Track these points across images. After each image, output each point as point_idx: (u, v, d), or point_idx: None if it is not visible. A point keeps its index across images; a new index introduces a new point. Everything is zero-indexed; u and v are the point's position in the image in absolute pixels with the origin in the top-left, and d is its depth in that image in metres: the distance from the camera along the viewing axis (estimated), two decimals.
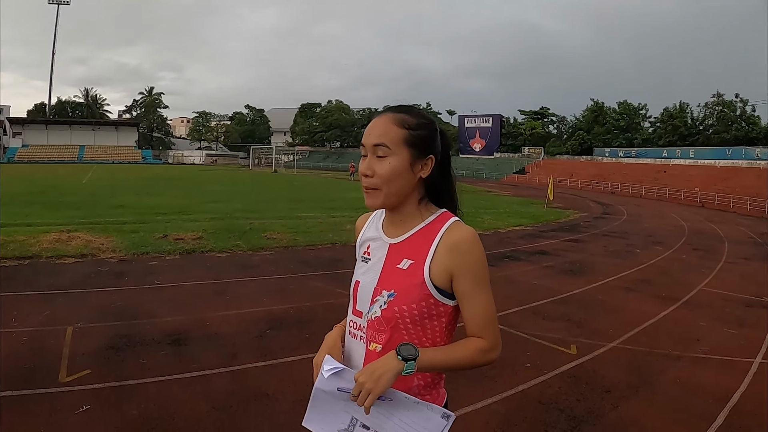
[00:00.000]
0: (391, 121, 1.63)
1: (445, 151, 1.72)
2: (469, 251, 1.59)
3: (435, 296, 1.60)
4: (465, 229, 1.62)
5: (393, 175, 1.61)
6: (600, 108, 75.15)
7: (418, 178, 1.65)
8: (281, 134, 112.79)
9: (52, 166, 65.77)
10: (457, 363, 1.60)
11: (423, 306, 1.60)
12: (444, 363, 1.59)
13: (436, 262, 1.59)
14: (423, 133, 1.64)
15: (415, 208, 1.70)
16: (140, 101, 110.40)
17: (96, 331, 5.91)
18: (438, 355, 1.57)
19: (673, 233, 19.45)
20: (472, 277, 1.59)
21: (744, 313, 8.15)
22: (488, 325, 1.61)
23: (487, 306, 1.61)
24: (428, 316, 1.62)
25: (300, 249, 11.91)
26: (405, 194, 1.67)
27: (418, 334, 1.63)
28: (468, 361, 1.60)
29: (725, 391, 5.11)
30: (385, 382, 1.46)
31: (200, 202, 18.99)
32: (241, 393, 4.56)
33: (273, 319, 6.68)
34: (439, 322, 1.64)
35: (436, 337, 1.64)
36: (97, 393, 4.42)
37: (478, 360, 1.60)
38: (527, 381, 5.12)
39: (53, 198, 20.74)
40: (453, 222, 1.65)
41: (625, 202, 38.82)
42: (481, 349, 1.59)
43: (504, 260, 11.74)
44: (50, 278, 8.23)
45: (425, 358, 1.53)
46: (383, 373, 1.47)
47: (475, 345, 1.60)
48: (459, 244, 1.59)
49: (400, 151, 1.61)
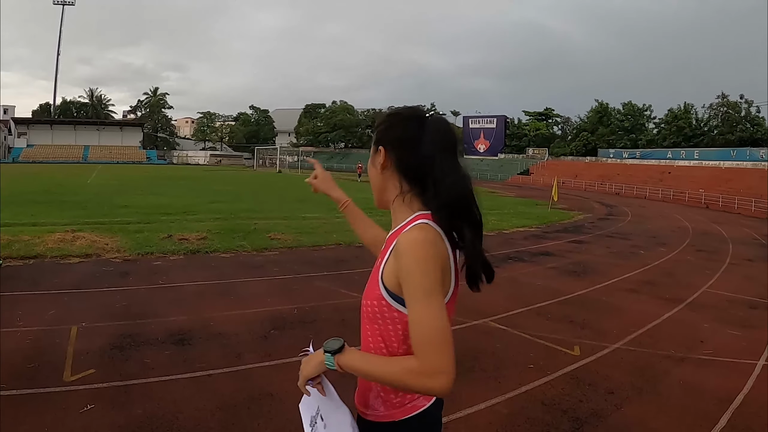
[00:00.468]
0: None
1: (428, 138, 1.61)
2: (403, 255, 1.48)
3: (386, 298, 1.56)
4: (414, 233, 1.52)
5: (369, 173, 1.77)
6: (604, 109, 75.02)
7: (380, 171, 1.71)
8: (285, 135, 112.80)
9: (57, 166, 65.83)
10: (380, 375, 1.50)
11: (376, 305, 1.59)
12: (364, 370, 1.53)
13: (389, 263, 1.56)
14: (380, 128, 1.71)
15: (397, 206, 1.68)
16: (145, 101, 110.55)
17: (100, 331, 5.93)
18: (360, 360, 1.55)
19: (677, 234, 19.44)
20: (405, 284, 1.48)
21: (748, 315, 8.14)
22: (419, 342, 1.43)
23: (419, 321, 1.43)
24: (381, 317, 1.58)
25: (304, 249, 11.93)
26: (380, 191, 1.74)
27: (375, 336, 1.62)
28: (392, 378, 1.47)
29: (728, 392, 5.12)
30: (310, 368, 1.62)
31: (205, 203, 19.04)
32: (245, 393, 4.58)
33: (277, 319, 6.69)
34: (394, 329, 1.57)
35: (393, 344, 1.58)
36: (101, 392, 4.44)
37: (408, 381, 1.43)
38: (531, 382, 5.12)
39: (58, 198, 20.75)
40: (414, 225, 1.55)
41: (629, 203, 38.78)
42: (408, 369, 1.43)
43: (508, 261, 11.75)
44: (55, 278, 8.26)
45: (347, 358, 1.55)
46: (310, 360, 1.63)
47: (403, 364, 1.46)
48: (398, 247, 1.51)
49: (372, 149, 1.73)
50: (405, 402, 1.62)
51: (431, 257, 1.47)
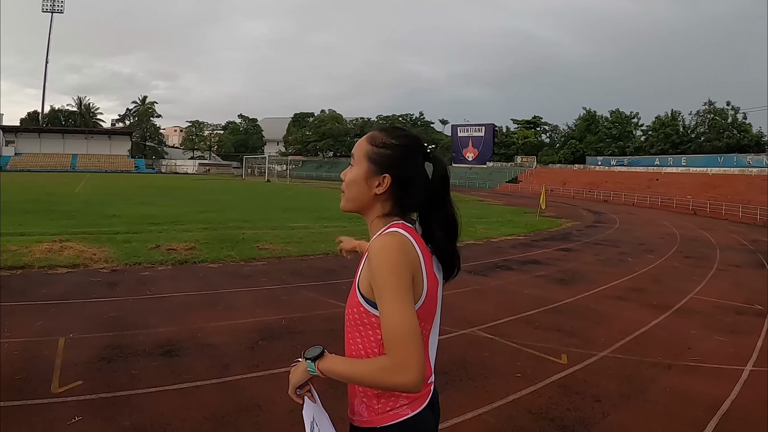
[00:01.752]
0: (366, 137, 1.80)
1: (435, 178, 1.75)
2: (373, 257, 1.57)
3: (363, 304, 1.64)
4: (384, 238, 1.60)
5: (350, 182, 1.76)
6: (592, 117, 75.55)
7: (373, 193, 1.72)
8: (274, 144, 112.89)
9: (45, 174, 65.52)
10: (357, 377, 1.58)
11: (355, 312, 1.67)
12: (343, 373, 1.60)
13: (364, 270, 1.65)
14: (384, 152, 1.71)
15: (378, 222, 1.74)
16: (133, 110, 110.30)
17: (88, 342, 5.90)
18: (339, 364, 1.62)
19: (665, 241, 19.55)
20: (375, 286, 1.56)
21: (735, 321, 8.19)
22: (389, 340, 1.51)
23: (389, 320, 1.51)
24: (360, 323, 1.66)
25: (292, 259, 11.91)
26: (362, 204, 1.76)
27: (356, 341, 1.68)
28: (368, 377, 1.55)
29: (716, 399, 5.14)
30: (297, 376, 1.68)
31: (193, 212, 18.99)
32: (233, 404, 4.57)
33: (265, 329, 6.67)
34: (374, 334, 1.63)
35: (373, 348, 1.64)
36: (89, 404, 4.42)
37: (382, 379, 1.51)
38: (518, 391, 5.13)
39: (46, 207, 20.63)
40: (383, 231, 1.65)
41: (617, 210, 38.98)
42: (381, 367, 1.52)
43: (496, 270, 11.76)
44: (43, 288, 8.21)
45: (327, 363, 1.62)
46: (297, 368, 1.69)
47: (376, 363, 1.56)
48: (369, 252, 1.60)
49: (361, 163, 1.74)
50: (387, 408, 1.66)
51: (400, 260, 1.55)
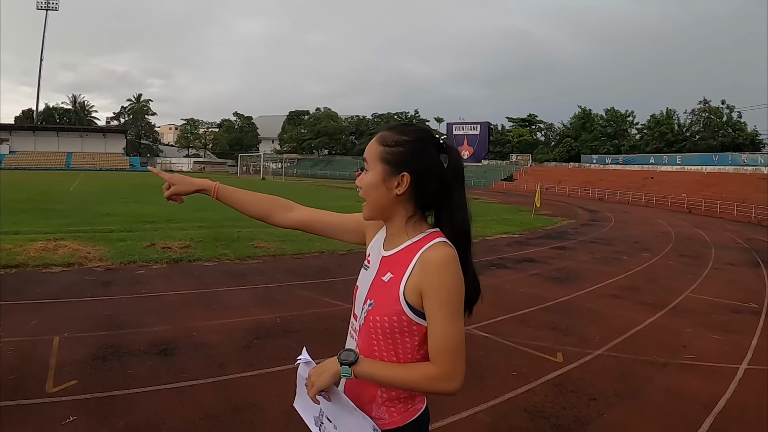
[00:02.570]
0: (375, 138, 1.73)
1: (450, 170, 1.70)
2: (437, 271, 1.56)
3: (407, 313, 1.61)
4: (443, 250, 1.60)
5: (369, 188, 1.71)
6: (587, 115, 75.71)
7: (394, 194, 1.67)
8: (269, 142, 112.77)
9: (40, 173, 65.28)
10: (398, 382, 1.61)
11: (395, 321, 1.63)
12: (383, 378, 1.61)
13: (411, 279, 1.61)
14: (398, 150, 1.66)
15: (402, 225, 1.72)
16: (128, 108, 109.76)
17: (83, 341, 5.88)
18: (379, 369, 1.61)
19: (660, 239, 19.58)
20: (436, 298, 1.56)
21: (730, 319, 8.21)
22: (442, 352, 1.56)
23: (444, 332, 1.56)
24: (399, 331, 1.63)
25: (287, 258, 11.89)
26: (385, 208, 1.72)
27: (388, 348, 1.65)
28: (411, 383, 1.60)
29: (711, 397, 5.16)
30: (324, 380, 1.61)
31: (188, 210, 18.89)
32: (229, 403, 4.56)
33: (260, 328, 6.66)
34: (411, 340, 1.64)
35: (407, 353, 1.65)
36: (83, 404, 4.41)
37: (425, 386, 1.59)
38: (513, 389, 5.13)
39: (40, 206, 20.56)
40: (437, 241, 1.63)
41: (612, 208, 39.02)
42: (428, 375, 1.57)
43: (491, 268, 11.79)
44: (37, 287, 8.17)
45: (364, 368, 1.60)
46: (324, 372, 1.62)
47: (424, 370, 1.59)
48: (429, 262, 1.58)
49: (376, 166, 1.69)
50: (408, 407, 1.72)
51: (460, 275, 1.60)
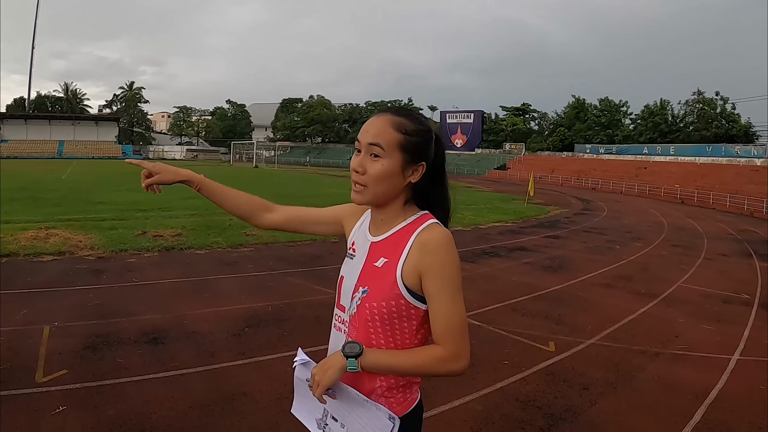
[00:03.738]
0: (389, 124, 1.64)
1: (438, 158, 1.72)
2: (437, 251, 1.56)
3: (405, 297, 1.59)
4: (440, 230, 1.61)
5: (383, 177, 1.63)
6: (581, 104, 75.66)
7: (407, 182, 1.66)
8: (262, 129, 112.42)
9: (32, 161, 64.94)
10: (406, 368, 1.59)
11: (393, 305, 1.60)
12: (390, 366, 1.58)
13: (409, 261, 1.59)
14: (418, 140, 1.64)
15: (399, 209, 1.70)
16: (120, 96, 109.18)
17: (73, 331, 5.85)
18: (384, 357, 1.58)
19: (653, 229, 19.65)
20: (438, 278, 1.55)
21: (722, 310, 8.24)
22: (449, 332, 1.56)
23: (449, 311, 1.56)
24: (398, 316, 1.61)
25: (279, 245, 11.87)
26: (392, 196, 1.68)
27: (386, 334, 1.62)
28: (420, 368, 1.58)
29: (703, 387, 5.17)
30: (331, 375, 1.54)
31: (180, 198, 18.84)
32: (219, 392, 4.54)
33: (251, 316, 6.65)
34: (409, 324, 1.62)
35: (405, 339, 1.63)
36: (73, 393, 4.39)
37: (434, 368, 1.57)
38: (505, 378, 5.13)
39: (32, 194, 20.45)
40: (430, 223, 1.64)
41: (605, 198, 39.11)
42: (436, 357, 1.56)
43: (484, 256, 11.77)
44: (28, 277, 8.14)
45: (370, 358, 1.55)
46: (329, 367, 1.55)
47: (431, 352, 1.58)
48: (428, 243, 1.58)
49: (394, 154, 1.62)
50: (407, 397, 1.70)
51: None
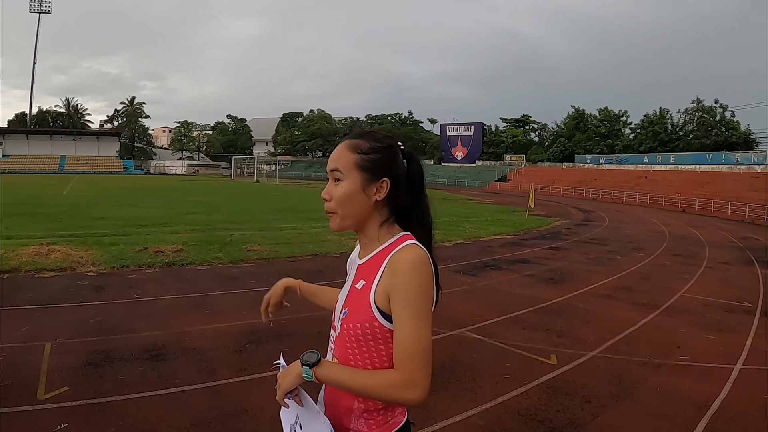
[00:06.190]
0: (345, 147, 1.70)
1: (414, 174, 1.73)
2: (403, 272, 1.54)
3: (378, 319, 1.59)
4: (412, 251, 1.58)
5: (345, 198, 1.66)
6: (581, 115, 75.87)
7: (373, 200, 1.67)
8: (263, 144, 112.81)
9: (33, 176, 65.05)
10: (360, 388, 1.55)
11: (367, 327, 1.60)
12: (344, 383, 1.57)
13: (381, 283, 1.59)
14: (376, 157, 1.66)
15: (376, 231, 1.71)
16: (121, 111, 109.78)
17: (74, 347, 5.84)
18: (341, 373, 1.58)
19: (654, 239, 19.63)
20: (401, 300, 1.53)
21: (724, 319, 8.21)
22: (407, 358, 1.50)
23: (409, 336, 1.51)
24: (372, 338, 1.61)
25: (280, 261, 11.86)
26: (362, 217, 1.70)
27: (363, 356, 1.63)
28: (374, 389, 1.53)
29: (706, 398, 5.15)
30: (288, 381, 1.61)
31: (181, 214, 18.87)
32: (220, 408, 4.53)
33: (252, 332, 6.62)
34: (386, 347, 1.60)
35: (384, 362, 1.61)
36: (75, 410, 4.37)
37: (387, 393, 1.52)
38: (507, 392, 5.11)
39: (33, 210, 20.47)
40: (407, 244, 1.62)
41: (606, 208, 39.12)
42: (391, 382, 1.51)
43: (485, 269, 11.74)
44: (29, 293, 8.13)
45: (326, 371, 1.58)
46: (288, 374, 1.62)
47: (386, 377, 1.54)
48: (397, 264, 1.56)
49: (352, 174, 1.66)
50: (387, 419, 1.67)
51: (430, 278, 1.57)
